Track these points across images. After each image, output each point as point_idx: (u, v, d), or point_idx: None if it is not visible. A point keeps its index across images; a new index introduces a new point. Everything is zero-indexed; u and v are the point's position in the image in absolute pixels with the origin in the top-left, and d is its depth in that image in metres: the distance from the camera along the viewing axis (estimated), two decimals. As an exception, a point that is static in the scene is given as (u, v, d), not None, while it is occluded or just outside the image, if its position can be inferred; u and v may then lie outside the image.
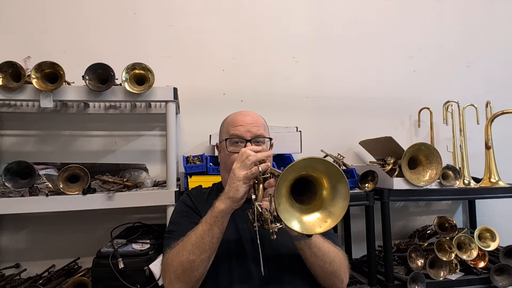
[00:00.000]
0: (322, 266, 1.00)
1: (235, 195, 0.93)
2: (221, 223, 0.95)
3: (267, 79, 2.10)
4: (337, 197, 0.85)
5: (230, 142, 1.15)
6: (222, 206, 0.94)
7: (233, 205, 0.94)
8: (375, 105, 2.22)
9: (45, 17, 1.87)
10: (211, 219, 0.95)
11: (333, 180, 0.84)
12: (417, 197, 1.78)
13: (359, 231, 2.06)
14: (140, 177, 1.71)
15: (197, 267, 0.94)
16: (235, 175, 0.94)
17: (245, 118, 1.16)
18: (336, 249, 1.05)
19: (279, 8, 2.15)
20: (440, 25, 2.36)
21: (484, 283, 1.74)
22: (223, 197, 0.96)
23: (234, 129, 1.14)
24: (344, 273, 1.05)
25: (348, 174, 1.81)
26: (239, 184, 0.93)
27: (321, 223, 0.84)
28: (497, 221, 2.14)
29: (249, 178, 0.93)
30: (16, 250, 1.76)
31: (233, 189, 0.93)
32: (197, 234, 0.95)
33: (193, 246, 0.94)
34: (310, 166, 0.83)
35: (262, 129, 1.17)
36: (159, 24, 1.99)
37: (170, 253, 1.00)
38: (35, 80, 1.44)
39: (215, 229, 0.94)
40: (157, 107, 1.89)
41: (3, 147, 1.79)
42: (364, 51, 2.24)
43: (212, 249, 0.95)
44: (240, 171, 0.94)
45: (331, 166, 0.83)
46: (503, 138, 2.17)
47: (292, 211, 0.83)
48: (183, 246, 0.96)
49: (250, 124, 1.14)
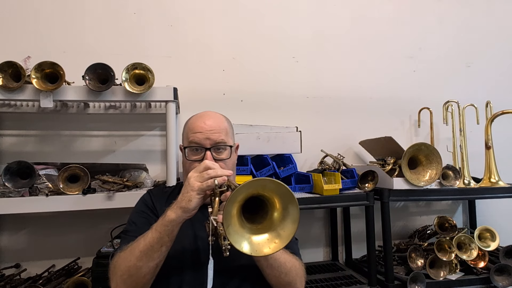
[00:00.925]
0: (278, 277, 0.99)
1: (187, 206, 0.90)
2: (171, 231, 0.92)
3: (267, 79, 2.10)
4: (287, 219, 0.84)
5: (189, 150, 1.11)
6: (173, 215, 0.91)
7: (184, 215, 0.91)
8: (375, 105, 2.22)
9: (45, 17, 1.87)
10: (161, 228, 0.92)
11: (285, 201, 0.84)
12: (417, 197, 1.78)
13: (359, 231, 2.06)
14: (140, 177, 1.71)
15: (143, 274, 0.93)
16: (190, 184, 0.91)
17: (205, 124, 1.11)
18: (293, 259, 1.04)
19: (279, 8, 2.15)
20: (440, 25, 2.36)
21: (484, 283, 1.74)
22: (175, 206, 0.92)
23: (193, 136, 1.10)
24: (300, 283, 1.05)
25: (348, 174, 1.81)
26: (193, 195, 0.90)
27: (269, 244, 0.83)
28: (497, 221, 2.14)
29: (203, 190, 0.90)
30: (16, 250, 1.76)
31: (186, 199, 0.90)
32: (146, 241, 0.93)
33: (141, 252, 0.92)
34: (261, 186, 0.82)
35: (224, 134, 1.12)
36: (159, 24, 1.99)
37: (119, 256, 0.97)
38: (35, 80, 1.44)
39: (165, 237, 0.92)
40: (157, 107, 1.89)
41: (3, 147, 1.79)
42: (364, 51, 2.24)
43: (160, 257, 0.93)
44: (195, 182, 0.91)
45: (282, 187, 0.82)
46: (503, 138, 2.17)
47: (241, 232, 0.82)
48: (132, 251, 0.94)
49: (210, 131, 1.09)
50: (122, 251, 0.98)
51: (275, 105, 2.08)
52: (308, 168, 2.06)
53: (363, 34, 2.24)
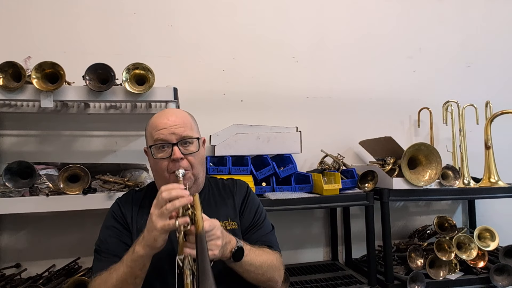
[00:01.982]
0: (256, 278, 1.02)
1: (153, 245, 0.88)
2: (142, 265, 0.91)
3: (267, 79, 2.10)
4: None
5: (155, 148, 1.06)
6: (141, 251, 0.90)
7: (153, 252, 0.90)
8: (375, 105, 2.23)
9: (46, 17, 1.87)
10: (131, 263, 0.91)
11: None
12: (416, 197, 1.78)
13: (359, 231, 2.06)
14: (140, 177, 1.71)
15: None
16: (153, 223, 0.88)
17: (168, 120, 1.06)
18: (270, 256, 1.05)
19: (279, 9, 2.15)
20: (440, 25, 2.36)
21: (484, 283, 1.74)
22: (142, 243, 0.90)
23: (157, 133, 1.05)
24: (279, 276, 1.08)
25: (348, 174, 1.81)
26: (157, 235, 0.87)
27: None
28: (496, 221, 2.14)
29: (166, 230, 0.88)
30: (17, 250, 1.76)
31: (151, 238, 0.88)
32: (119, 276, 0.92)
33: (115, 287, 0.92)
34: None
35: (189, 128, 1.08)
36: (159, 24, 1.99)
37: (94, 285, 0.97)
38: (35, 80, 1.44)
39: (137, 271, 0.91)
40: (157, 107, 1.88)
41: (4, 147, 1.79)
42: (364, 51, 2.24)
43: (136, 285, 0.93)
44: (158, 220, 0.87)
45: None
46: (503, 138, 2.17)
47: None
48: (106, 284, 0.94)
49: (174, 126, 1.05)
50: (96, 276, 0.98)
51: (275, 105, 2.09)
52: (308, 168, 2.06)
53: (363, 34, 2.25)
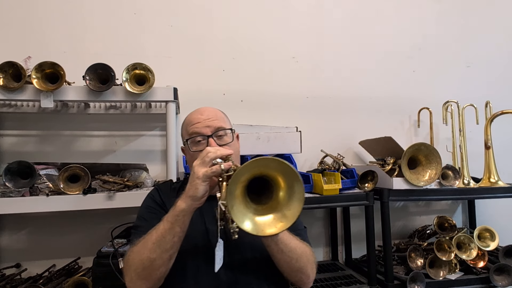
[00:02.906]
0: (288, 262, 0.99)
1: (194, 194, 0.90)
2: (182, 222, 0.92)
3: (267, 79, 2.10)
4: (293, 199, 0.84)
5: (192, 142, 1.11)
6: (183, 205, 0.92)
7: (194, 204, 0.92)
8: (375, 105, 2.23)
9: (46, 17, 1.87)
10: (172, 218, 0.93)
11: (289, 180, 0.84)
12: (416, 197, 1.78)
13: (359, 231, 2.06)
14: (140, 177, 1.71)
15: (158, 266, 0.93)
16: (195, 173, 0.91)
17: (202, 114, 1.13)
18: (304, 246, 1.04)
19: (279, 8, 2.15)
20: (440, 25, 2.36)
21: (484, 283, 1.74)
22: (184, 196, 0.93)
23: (192, 127, 1.12)
24: (311, 269, 1.05)
25: (348, 174, 1.81)
26: (198, 183, 0.90)
27: (275, 224, 0.84)
28: (496, 221, 2.14)
29: (208, 176, 0.90)
30: (17, 250, 1.76)
31: (193, 187, 0.91)
32: (158, 233, 0.93)
33: (154, 244, 0.92)
34: (264, 165, 0.82)
35: (222, 121, 1.14)
36: (159, 24, 1.99)
37: (132, 251, 0.98)
38: (35, 80, 1.44)
39: (176, 228, 0.92)
40: (157, 107, 1.89)
41: (4, 147, 1.79)
42: (364, 51, 2.24)
43: (173, 248, 0.93)
44: (199, 169, 0.91)
45: (285, 166, 0.81)
46: (503, 138, 2.17)
47: (246, 212, 0.83)
48: (144, 244, 0.94)
49: (208, 119, 1.11)
50: (134, 245, 0.98)
51: (275, 105, 2.09)
52: (308, 168, 2.06)
53: (363, 34, 2.25)
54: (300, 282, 1.04)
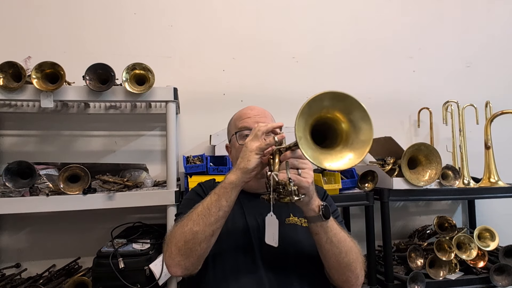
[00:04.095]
0: (337, 255, 0.94)
1: (246, 166, 0.89)
2: (229, 195, 0.91)
3: (267, 79, 2.10)
4: (359, 133, 0.83)
5: (240, 136, 1.12)
6: (233, 177, 0.91)
7: (244, 177, 0.91)
8: (375, 105, 2.22)
9: (46, 17, 1.87)
10: (220, 190, 0.92)
11: (355, 116, 0.82)
12: (416, 197, 1.78)
13: (359, 231, 2.05)
14: (140, 177, 1.71)
15: (199, 241, 0.90)
16: (248, 148, 0.91)
17: (252, 111, 1.16)
18: (353, 241, 1.00)
19: (279, 8, 2.15)
20: (440, 25, 2.36)
21: (484, 283, 1.74)
22: (235, 169, 0.93)
23: (242, 122, 1.13)
24: (360, 269, 0.99)
25: (348, 174, 1.81)
26: (251, 155, 0.90)
27: (344, 159, 0.81)
28: (496, 221, 2.14)
29: (262, 149, 0.90)
30: (17, 250, 1.76)
31: (245, 159, 0.90)
32: (204, 205, 0.92)
33: (198, 216, 0.91)
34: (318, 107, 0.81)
35: (269, 120, 1.17)
36: (159, 24, 1.99)
37: (175, 226, 0.97)
38: (35, 80, 1.44)
39: (223, 201, 0.91)
40: (157, 107, 1.89)
41: (4, 147, 1.79)
42: (364, 51, 2.24)
43: (217, 223, 0.91)
44: (253, 143, 0.91)
45: (352, 101, 0.80)
46: (503, 138, 2.17)
47: (314, 147, 0.80)
48: (189, 217, 0.93)
49: (257, 116, 1.14)
50: (178, 222, 0.97)
51: (275, 105, 2.07)
52: (308, 168, 2.05)
53: (363, 34, 2.24)
54: (347, 283, 0.99)
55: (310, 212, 0.91)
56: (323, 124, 0.84)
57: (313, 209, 0.91)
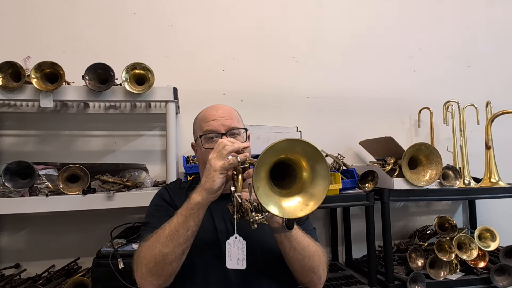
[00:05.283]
0: (301, 260, 0.98)
1: (211, 186, 0.90)
2: (196, 215, 0.91)
3: (267, 79, 2.09)
4: (317, 178, 0.83)
5: (205, 139, 1.11)
6: (198, 198, 0.91)
7: (209, 197, 0.91)
8: (375, 105, 2.22)
9: (45, 17, 1.87)
10: (186, 211, 0.92)
11: (312, 161, 0.83)
12: (417, 197, 1.78)
13: (359, 231, 2.06)
14: (140, 177, 1.71)
15: (170, 261, 0.91)
16: (211, 166, 0.91)
17: (217, 112, 1.13)
18: (316, 245, 1.03)
19: (279, 8, 2.15)
20: (440, 25, 2.36)
21: (484, 283, 1.74)
22: (200, 189, 0.92)
23: (207, 125, 1.11)
24: (323, 270, 1.03)
25: (348, 174, 1.81)
26: (216, 175, 0.90)
27: (302, 206, 0.82)
28: (497, 221, 2.14)
29: (226, 169, 0.90)
30: (16, 250, 1.76)
31: (210, 180, 0.90)
32: (172, 227, 0.92)
33: (166, 238, 0.91)
34: (288, 148, 0.81)
35: (236, 121, 1.14)
36: (159, 24, 1.99)
37: (143, 246, 0.96)
38: (35, 80, 1.44)
39: (190, 221, 0.91)
40: (157, 107, 1.89)
41: (3, 147, 1.79)
42: (364, 51, 2.24)
43: (186, 243, 0.92)
44: (217, 162, 0.91)
45: (308, 146, 0.80)
46: (503, 138, 2.17)
47: (271, 195, 0.81)
48: (157, 238, 0.93)
49: (222, 118, 1.11)
50: (146, 241, 0.97)
51: (275, 105, 2.08)
52: (308, 168, 2.05)
53: (363, 34, 2.24)
54: (311, 283, 1.03)
55: (274, 224, 0.94)
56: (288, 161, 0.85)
57: (276, 221, 0.94)
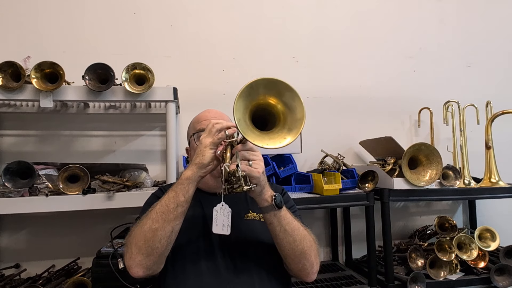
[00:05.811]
0: (291, 243, 0.97)
1: (201, 161, 0.93)
2: (186, 190, 0.93)
3: (267, 79, 2.09)
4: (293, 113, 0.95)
5: (197, 136, 1.15)
6: (189, 173, 0.94)
7: (199, 172, 0.94)
8: (375, 105, 2.22)
9: (45, 17, 1.87)
10: (176, 186, 0.94)
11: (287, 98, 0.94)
12: (417, 197, 1.78)
13: (359, 231, 2.06)
14: (140, 177, 1.71)
15: (159, 238, 0.91)
16: (202, 143, 0.95)
17: (209, 113, 1.20)
18: (306, 229, 1.03)
19: (279, 8, 2.15)
20: (440, 25, 2.36)
21: (484, 283, 1.74)
22: (190, 165, 0.96)
23: (200, 124, 1.17)
24: (315, 257, 1.02)
25: (348, 174, 1.81)
26: (206, 150, 0.94)
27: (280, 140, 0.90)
28: (497, 221, 2.14)
29: (215, 144, 0.94)
30: (16, 250, 1.76)
31: (200, 155, 0.94)
32: (162, 202, 0.94)
33: (157, 213, 0.92)
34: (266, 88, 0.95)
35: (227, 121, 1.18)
36: (159, 24, 1.99)
37: (134, 226, 0.98)
38: (35, 80, 1.44)
39: (180, 196, 0.92)
40: (157, 107, 1.89)
41: (3, 147, 1.79)
42: (364, 51, 2.24)
43: (176, 220, 0.92)
44: (207, 139, 0.95)
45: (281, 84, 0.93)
46: (504, 138, 2.17)
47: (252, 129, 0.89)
48: (147, 215, 0.95)
49: (214, 118, 1.15)
50: (137, 222, 0.98)
51: (275, 105, 2.08)
52: (308, 168, 2.05)
53: (363, 34, 2.24)
54: (303, 271, 1.02)
55: (263, 202, 0.95)
56: (263, 110, 0.94)
57: (265, 199, 0.95)
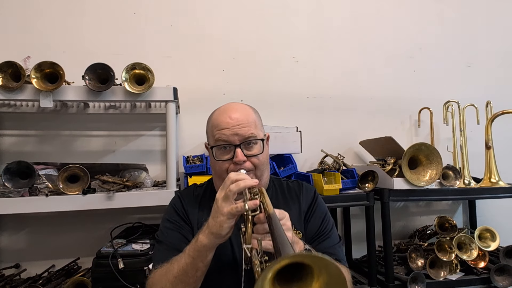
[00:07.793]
0: None
1: (218, 232, 0.83)
2: (205, 257, 0.86)
3: (267, 79, 2.09)
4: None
5: (217, 149, 1.02)
6: (205, 241, 0.85)
7: (217, 241, 0.85)
8: (375, 105, 2.22)
9: (45, 17, 1.87)
10: (194, 253, 0.87)
11: (330, 276, 0.60)
12: (417, 197, 1.78)
13: (359, 231, 2.06)
14: (140, 177, 1.71)
15: None
16: (218, 208, 0.84)
17: (231, 119, 1.00)
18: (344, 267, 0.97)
19: (279, 8, 2.15)
20: (440, 25, 2.36)
21: (485, 283, 1.74)
22: (207, 231, 0.85)
23: (219, 133, 1.00)
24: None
25: (348, 174, 1.80)
26: (223, 220, 0.82)
27: None
28: (497, 221, 2.13)
29: (233, 215, 0.82)
30: (16, 250, 1.76)
31: (217, 224, 0.83)
32: (180, 267, 0.88)
33: (175, 278, 0.88)
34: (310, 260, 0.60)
35: (253, 127, 1.01)
36: (159, 24, 1.99)
37: (154, 276, 0.94)
38: (35, 80, 1.44)
39: (199, 263, 0.86)
40: (157, 107, 1.89)
41: (3, 147, 1.79)
42: (364, 51, 2.24)
43: (197, 281, 0.89)
44: (223, 204, 0.83)
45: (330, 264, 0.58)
46: (503, 138, 2.17)
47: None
48: (166, 275, 0.90)
49: (237, 126, 0.99)
50: (156, 269, 0.95)
51: (275, 105, 2.08)
52: (308, 168, 2.05)
53: (363, 34, 2.24)
54: None
55: None
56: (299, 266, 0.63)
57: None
